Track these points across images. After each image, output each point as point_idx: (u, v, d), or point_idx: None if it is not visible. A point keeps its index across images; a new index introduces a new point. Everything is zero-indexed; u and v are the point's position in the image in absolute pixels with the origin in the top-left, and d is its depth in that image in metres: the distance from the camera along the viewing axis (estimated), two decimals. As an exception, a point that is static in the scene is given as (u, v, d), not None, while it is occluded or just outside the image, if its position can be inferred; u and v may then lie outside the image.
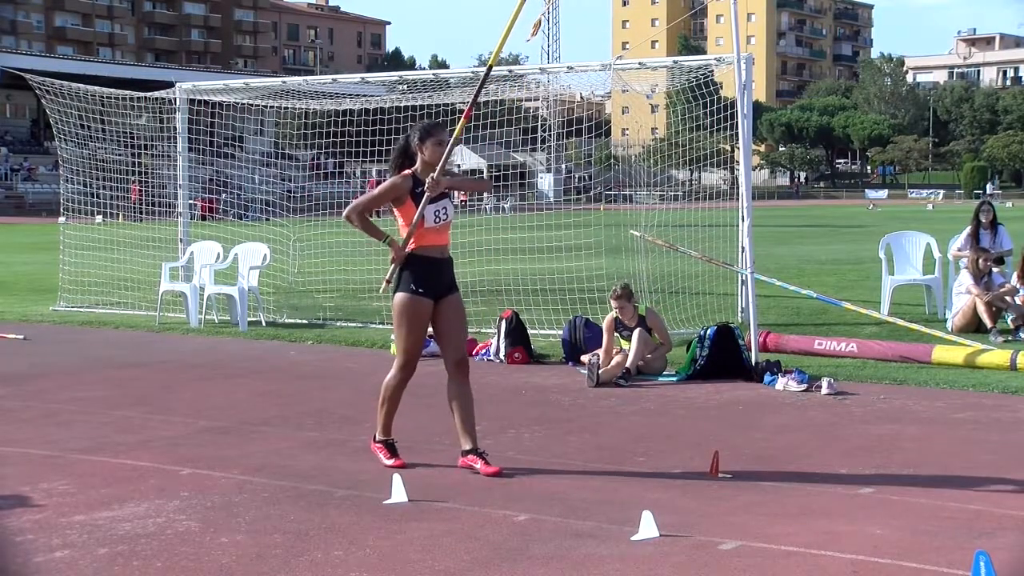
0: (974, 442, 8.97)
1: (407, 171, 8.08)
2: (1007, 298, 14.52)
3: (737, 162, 15.27)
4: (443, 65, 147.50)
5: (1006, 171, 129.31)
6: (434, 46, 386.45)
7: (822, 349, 12.95)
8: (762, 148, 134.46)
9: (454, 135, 8.16)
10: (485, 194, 21.99)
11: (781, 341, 13.12)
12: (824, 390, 10.85)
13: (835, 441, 9.05)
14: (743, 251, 14.47)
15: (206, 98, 19.04)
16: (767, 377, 11.40)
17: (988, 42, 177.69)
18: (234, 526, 6.69)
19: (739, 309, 15.35)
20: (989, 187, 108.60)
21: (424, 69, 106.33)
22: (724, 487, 7.52)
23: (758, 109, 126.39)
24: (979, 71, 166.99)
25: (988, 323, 14.18)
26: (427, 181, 7.86)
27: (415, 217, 7.90)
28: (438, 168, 7.92)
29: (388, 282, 8.07)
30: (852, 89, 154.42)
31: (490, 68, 8.98)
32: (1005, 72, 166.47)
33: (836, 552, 6.09)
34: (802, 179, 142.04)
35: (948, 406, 10.34)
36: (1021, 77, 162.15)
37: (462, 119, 8.31)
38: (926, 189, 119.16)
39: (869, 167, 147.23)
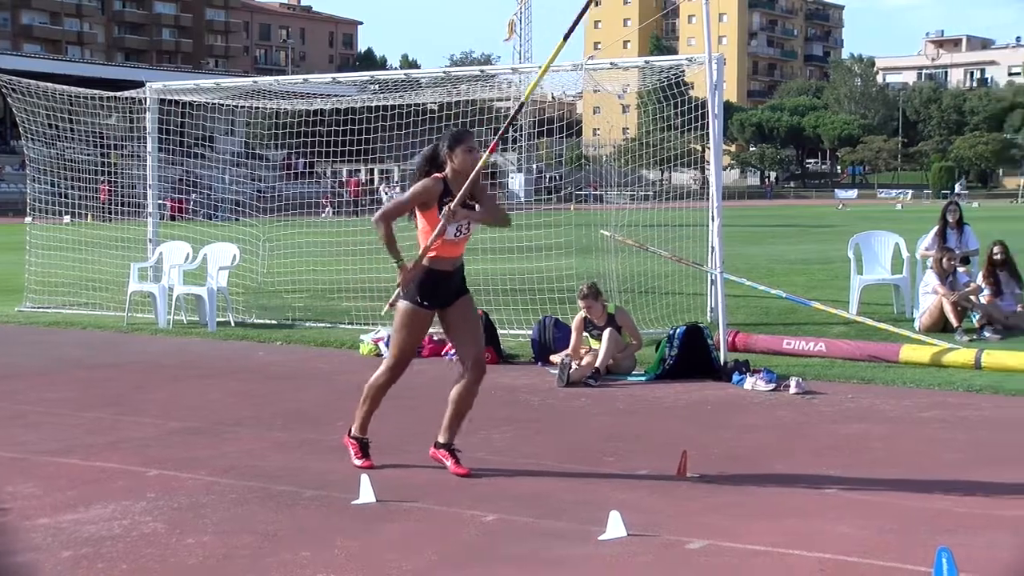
0: (940, 441, 9.03)
1: (439, 175, 7.85)
2: (972, 298, 14.63)
3: (708, 162, 15.34)
4: (414, 65, 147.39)
5: (973, 171, 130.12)
6: (405, 46, 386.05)
7: (791, 349, 13.00)
8: (733, 148, 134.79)
9: (479, 164, 7.86)
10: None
11: (750, 341, 13.17)
12: (792, 389, 10.90)
13: (803, 440, 9.10)
14: (713, 251, 14.53)
15: (177, 98, 18.97)
16: (735, 377, 11.44)
17: (956, 44, 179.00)
18: (201, 527, 6.67)
19: (708, 309, 15.41)
20: (957, 187, 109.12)
21: (396, 69, 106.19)
22: (692, 487, 7.54)
23: (729, 109, 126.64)
24: (947, 72, 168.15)
25: (954, 322, 14.27)
26: (445, 209, 7.64)
27: (435, 231, 7.69)
28: (460, 192, 7.66)
29: (391, 305, 7.96)
30: (823, 89, 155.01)
31: (521, 105, 8.99)
32: (972, 73, 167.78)
33: (803, 551, 6.12)
34: (772, 179, 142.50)
35: (915, 405, 10.41)
36: (987, 79, 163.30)
37: (487, 151, 8.10)
38: (895, 189, 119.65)
39: (839, 167, 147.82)
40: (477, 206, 7.93)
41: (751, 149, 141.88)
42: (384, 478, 7.61)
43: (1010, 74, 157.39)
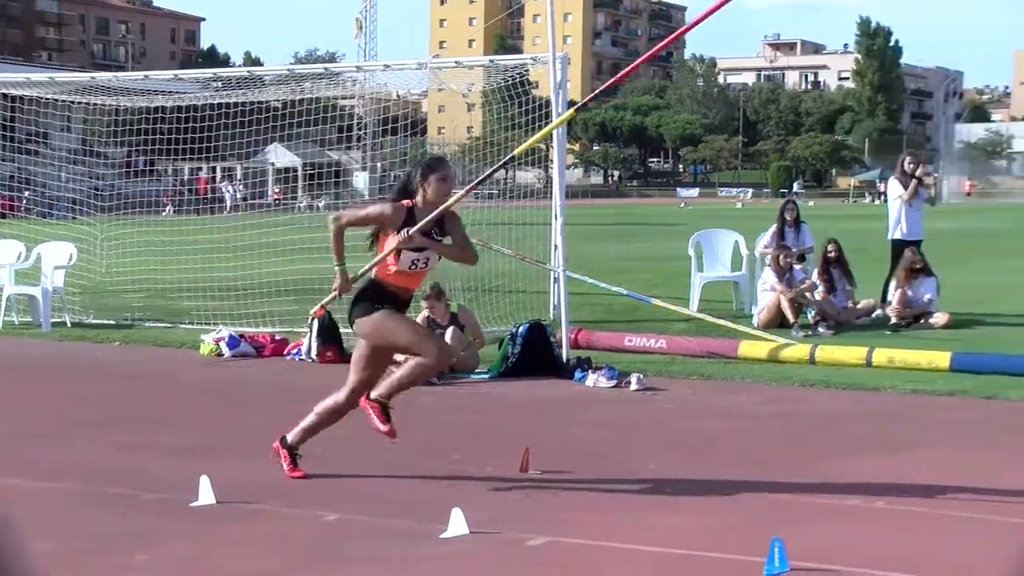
0: (775, 434, 9.24)
1: (405, 203, 7.53)
2: (808, 294, 15.00)
3: (551, 161, 15.43)
4: (258, 62, 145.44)
5: (809, 171, 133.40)
6: (249, 43, 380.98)
7: (632, 345, 13.16)
8: (576, 147, 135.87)
9: (452, 200, 7.63)
10: (300, 192, 21.77)
11: (592, 338, 13.29)
12: (633, 386, 11.03)
13: (644, 436, 9.22)
14: (556, 249, 14.64)
15: (6, 91, 18.42)
16: (577, 374, 11.53)
17: (791, 47, 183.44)
18: (32, 531, 6.49)
19: (551, 306, 15.50)
20: (795, 186, 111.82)
21: (239, 66, 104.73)
22: (534, 484, 7.59)
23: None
24: (784, 74, 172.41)
25: (791, 318, 14.61)
26: (403, 231, 7.36)
27: (385, 251, 7.44)
28: (424, 220, 7.38)
29: (322, 308, 7.63)
30: (666, 89, 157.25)
31: (512, 158, 8.90)
32: (807, 76, 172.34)
33: (642, 545, 6.21)
34: (616, 178, 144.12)
35: (753, 399, 10.64)
36: (820, 82, 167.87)
37: (465, 190, 8.11)
38: (736, 188, 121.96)
39: (681, 166, 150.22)
40: (447, 239, 7.62)
41: (595, 148, 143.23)
42: (224, 479, 7.48)
43: (840, 78, 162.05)
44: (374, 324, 7.50)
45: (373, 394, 7.65)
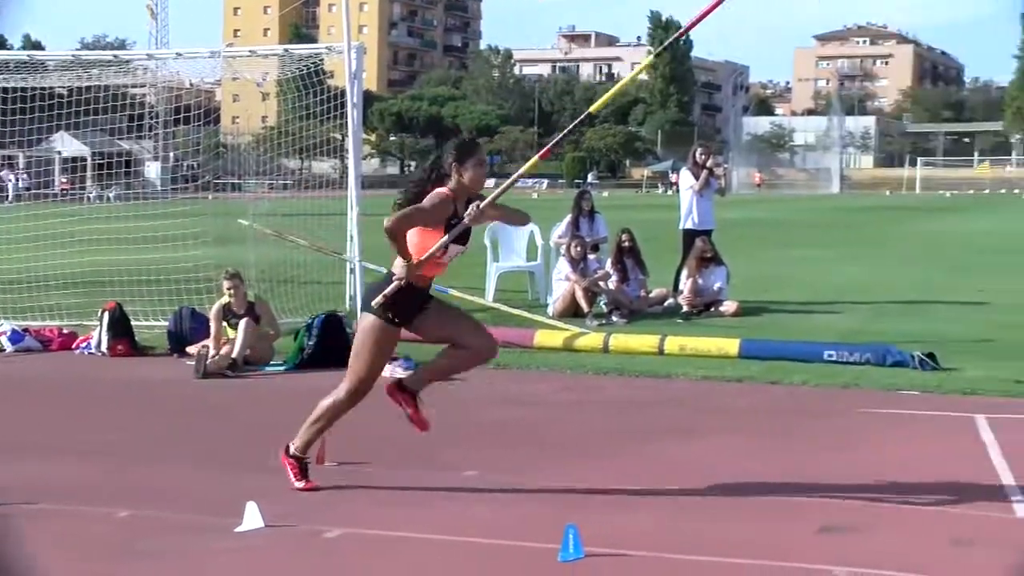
0: (571, 422, 9.39)
1: (448, 192, 6.91)
2: (601, 283, 15.27)
3: (347, 151, 15.35)
4: (38, 47, 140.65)
5: (603, 162, 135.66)
6: (28, 26, 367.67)
7: (430, 336, 13.16)
8: (373, 137, 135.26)
9: (524, 168, 7.36)
10: (89, 182, 21.19)
11: (390, 329, 13.24)
12: (431, 376, 11.03)
13: (443, 426, 9.19)
14: (352, 240, 14.58)
15: None
16: (375, 365, 11.47)
17: (586, 39, 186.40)
18: None
19: (348, 297, 15.42)
20: (590, 177, 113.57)
21: (18, 50, 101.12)
22: (331, 474, 7.54)
23: (369, 98, 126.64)
24: (578, 66, 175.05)
25: (585, 307, 14.84)
26: (469, 209, 6.78)
27: (437, 245, 6.84)
28: (491, 196, 6.92)
29: (387, 298, 7.19)
30: (462, 80, 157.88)
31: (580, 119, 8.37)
32: (601, 68, 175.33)
33: (439, 535, 6.24)
34: (412, 168, 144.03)
35: (549, 388, 10.78)
36: (614, 74, 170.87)
37: (537, 156, 7.67)
38: (531, 178, 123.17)
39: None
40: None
41: (391, 138, 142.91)
42: (7, 479, 7.26)
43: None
44: (369, 329, 7.12)
45: (406, 380, 7.44)
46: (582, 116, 8.14)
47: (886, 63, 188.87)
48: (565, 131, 8.42)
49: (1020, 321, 15.01)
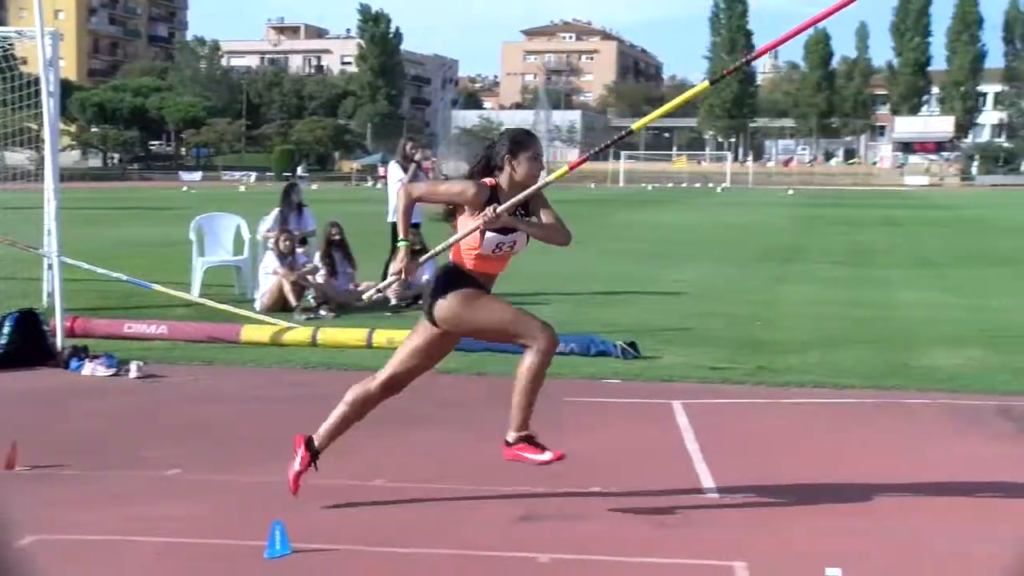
0: (278, 417, 9.27)
1: (488, 181, 6.57)
2: (309, 277, 15.17)
3: (43, 141, 14.74)
4: None
5: (313, 154, 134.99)
6: None
7: (132, 332, 12.83)
8: (73, 128, 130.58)
9: (552, 177, 6.80)
10: None
11: (89, 326, 12.85)
12: (133, 373, 10.75)
13: (143, 425, 9.01)
14: (50, 234, 14.01)
15: None
16: (73, 363, 11.09)
17: (295, 31, 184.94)
18: None
19: (45, 294, 14.83)
20: (299, 170, 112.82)
21: None
22: (24, 480, 7.22)
23: (68, 88, 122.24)
24: (287, 58, 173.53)
25: (293, 301, 14.72)
26: (488, 209, 6.40)
27: (466, 230, 6.50)
28: (515, 200, 6.49)
29: (379, 291, 6.46)
30: (168, 71, 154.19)
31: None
32: (310, 60, 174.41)
33: (141, 536, 6.07)
34: (116, 160, 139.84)
35: (257, 383, 10.63)
36: (323, 66, 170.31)
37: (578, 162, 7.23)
38: (239, 171, 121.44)
39: (184, 149, 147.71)
40: (533, 218, 6.67)
41: (93, 130, 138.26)
42: None
43: (343, 63, 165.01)
44: (460, 301, 6.55)
45: (510, 437, 6.68)
46: (624, 132, 7.51)
47: (591, 58, 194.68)
48: (605, 144, 7.85)
49: (715, 310, 15.72)
